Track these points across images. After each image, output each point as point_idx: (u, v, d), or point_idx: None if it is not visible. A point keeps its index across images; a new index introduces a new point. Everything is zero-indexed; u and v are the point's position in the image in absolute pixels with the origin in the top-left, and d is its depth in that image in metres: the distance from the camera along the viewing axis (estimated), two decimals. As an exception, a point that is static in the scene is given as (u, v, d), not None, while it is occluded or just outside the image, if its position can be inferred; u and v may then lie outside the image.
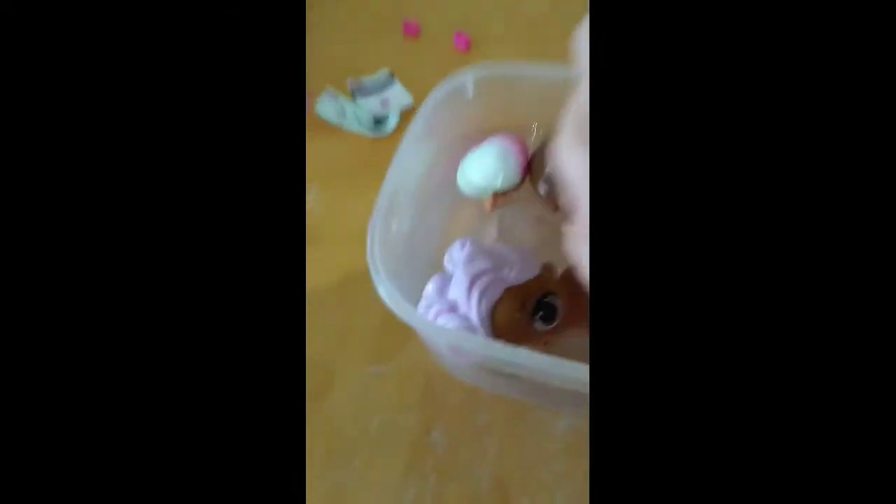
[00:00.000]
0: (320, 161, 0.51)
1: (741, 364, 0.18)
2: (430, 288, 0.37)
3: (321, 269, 0.44)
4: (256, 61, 0.20)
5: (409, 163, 0.41)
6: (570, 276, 0.35)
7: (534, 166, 0.42)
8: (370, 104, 0.57)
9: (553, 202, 0.41)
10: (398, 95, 0.57)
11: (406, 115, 0.55)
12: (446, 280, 0.37)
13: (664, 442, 0.18)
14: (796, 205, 0.18)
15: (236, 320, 0.19)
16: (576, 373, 0.29)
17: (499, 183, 0.42)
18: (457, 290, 0.35)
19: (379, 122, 0.56)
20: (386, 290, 0.34)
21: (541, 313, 0.34)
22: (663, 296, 0.18)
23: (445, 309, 0.35)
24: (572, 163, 0.24)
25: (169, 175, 0.19)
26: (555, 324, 0.34)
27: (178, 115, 0.19)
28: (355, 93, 0.58)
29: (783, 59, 0.18)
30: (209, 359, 0.19)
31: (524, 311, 0.33)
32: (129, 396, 0.19)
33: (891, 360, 0.17)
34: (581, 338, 0.35)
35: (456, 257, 0.37)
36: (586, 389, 0.29)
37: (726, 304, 0.18)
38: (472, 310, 0.34)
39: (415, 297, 0.36)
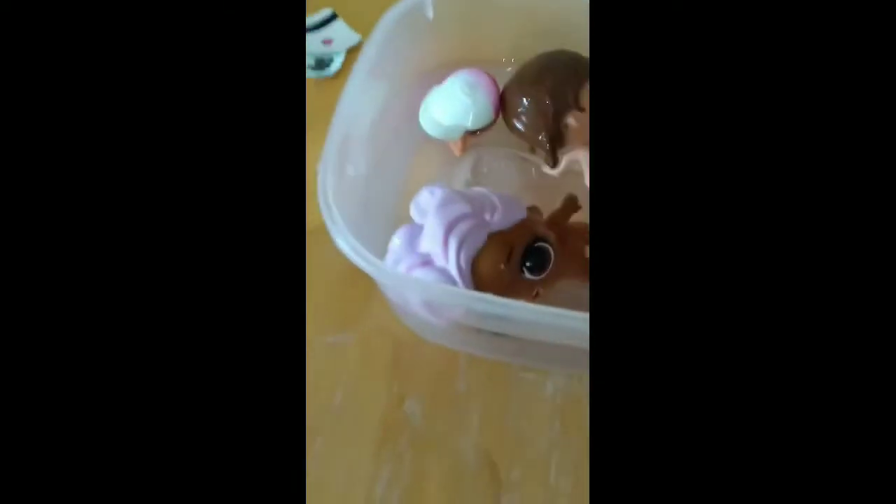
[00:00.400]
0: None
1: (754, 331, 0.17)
2: (397, 241, 0.32)
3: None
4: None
5: (361, 100, 0.36)
6: (560, 219, 0.31)
7: (507, 101, 0.37)
8: (309, 43, 0.50)
9: (532, 141, 0.36)
10: (343, 34, 0.51)
11: (353, 54, 0.49)
12: (415, 231, 0.32)
13: (670, 403, 0.17)
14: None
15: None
16: (578, 323, 0.26)
17: (469, 121, 0.37)
18: (430, 241, 0.30)
19: (322, 63, 0.49)
20: (346, 242, 0.29)
21: (529, 262, 0.29)
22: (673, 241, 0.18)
23: (418, 263, 0.30)
24: None
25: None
26: (546, 273, 0.30)
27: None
28: (292, 31, 0.51)
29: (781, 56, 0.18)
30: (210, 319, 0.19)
31: (511, 260, 0.29)
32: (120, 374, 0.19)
33: (890, 359, 0.17)
34: (578, 288, 0.31)
35: (424, 205, 0.32)
36: (584, 344, 0.26)
37: (735, 259, 0.18)
38: (450, 261, 0.29)
39: (376, 255, 0.31)
